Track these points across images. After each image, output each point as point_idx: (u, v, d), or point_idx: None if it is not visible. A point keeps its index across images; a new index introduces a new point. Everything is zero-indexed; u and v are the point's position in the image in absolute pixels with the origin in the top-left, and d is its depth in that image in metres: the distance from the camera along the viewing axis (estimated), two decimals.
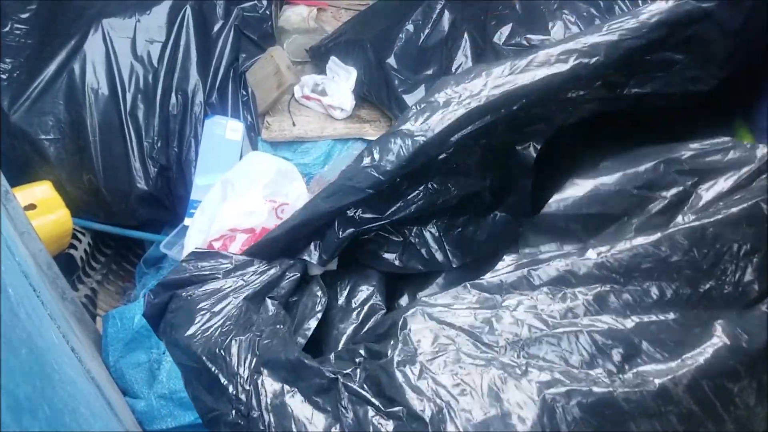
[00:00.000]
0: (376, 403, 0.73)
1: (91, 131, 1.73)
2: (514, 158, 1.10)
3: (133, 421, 1.33)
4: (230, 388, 0.81)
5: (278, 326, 0.92)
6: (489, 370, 0.70)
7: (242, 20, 2.04)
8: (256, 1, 2.09)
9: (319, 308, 1.00)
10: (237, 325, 0.89)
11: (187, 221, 1.72)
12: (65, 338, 1.09)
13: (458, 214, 1.16)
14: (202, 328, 0.89)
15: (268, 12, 2.12)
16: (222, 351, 0.85)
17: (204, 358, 0.85)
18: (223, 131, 1.84)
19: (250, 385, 0.80)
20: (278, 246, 1.08)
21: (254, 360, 0.84)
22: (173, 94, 1.82)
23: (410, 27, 2.08)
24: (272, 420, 0.77)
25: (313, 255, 1.08)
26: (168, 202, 1.85)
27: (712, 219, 0.76)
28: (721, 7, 0.97)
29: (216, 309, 0.92)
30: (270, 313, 0.95)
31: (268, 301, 0.98)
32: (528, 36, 1.86)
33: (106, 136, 1.75)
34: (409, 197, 1.06)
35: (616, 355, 0.70)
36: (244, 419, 0.79)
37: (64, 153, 1.73)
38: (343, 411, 0.75)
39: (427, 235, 1.15)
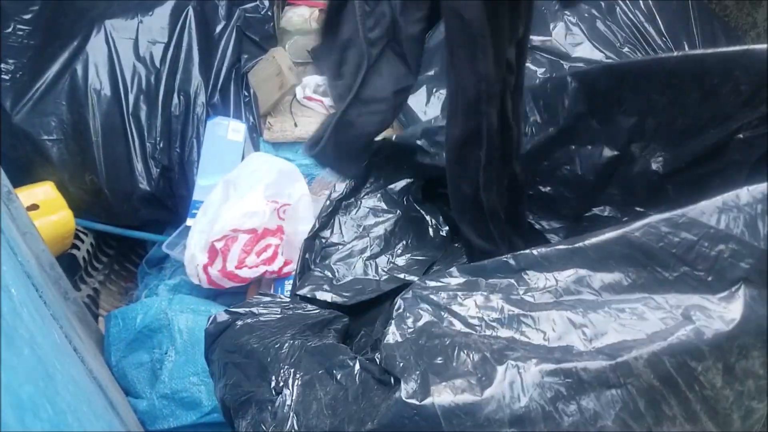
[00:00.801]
0: (378, 375, 0.78)
1: (94, 132, 1.74)
2: None
3: (135, 421, 1.34)
4: (273, 373, 0.87)
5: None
6: (466, 345, 0.75)
7: (244, 21, 2.04)
8: (257, 2, 2.09)
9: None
10: (294, 336, 0.95)
11: (189, 222, 1.72)
12: (68, 338, 1.09)
13: None
14: (261, 335, 0.95)
15: (269, 13, 2.12)
16: (275, 347, 0.91)
17: (257, 349, 0.91)
18: (225, 132, 1.85)
19: (290, 369, 0.86)
20: None
21: (302, 352, 0.89)
22: (175, 95, 1.82)
23: None
24: (299, 392, 0.82)
25: None
26: (170, 203, 1.85)
27: (689, 206, 0.76)
28: None
29: (277, 324, 0.98)
30: (328, 341, 1.00)
31: (326, 330, 1.03)
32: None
33: (108, 136, 1.75)
34: None
35: (585, 331, 0.72)
36: (276, 395, 0.83)
37: (66, 153, 1.74)
38: (353, 380, 0.80)
39: None
